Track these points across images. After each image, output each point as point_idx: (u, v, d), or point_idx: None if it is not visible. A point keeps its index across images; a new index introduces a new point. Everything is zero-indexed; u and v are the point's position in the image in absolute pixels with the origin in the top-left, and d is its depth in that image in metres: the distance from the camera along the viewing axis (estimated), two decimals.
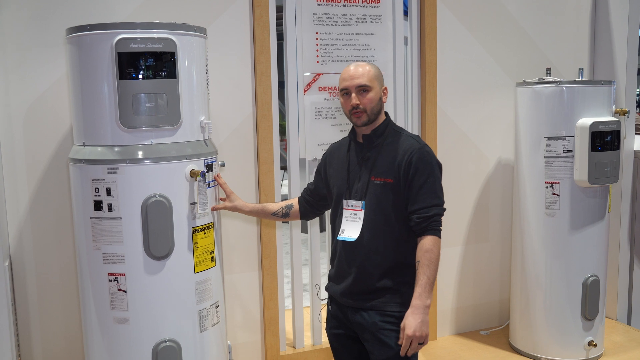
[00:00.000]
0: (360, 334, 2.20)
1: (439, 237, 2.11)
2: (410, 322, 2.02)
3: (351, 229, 2.18)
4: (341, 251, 2.22)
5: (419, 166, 2.10)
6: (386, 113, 2.25)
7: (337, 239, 2.22)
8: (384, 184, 2.13)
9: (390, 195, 2.12)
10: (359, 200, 2.17)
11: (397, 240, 2.14)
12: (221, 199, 2.43)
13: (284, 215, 2.47)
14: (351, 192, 2.20)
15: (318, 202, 2.44)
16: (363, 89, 2.14)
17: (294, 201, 2.49)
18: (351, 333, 2.26)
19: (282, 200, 3.09)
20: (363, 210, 2.16)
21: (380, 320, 2.14)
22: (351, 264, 2.18)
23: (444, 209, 2.14)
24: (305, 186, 2.50)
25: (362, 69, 2.16)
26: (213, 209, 2.34)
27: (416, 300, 2.04)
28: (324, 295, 2.44)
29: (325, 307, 2.40)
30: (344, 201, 2.22)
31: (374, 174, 2.16)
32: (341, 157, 2.29)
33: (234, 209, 2.43)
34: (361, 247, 2.16)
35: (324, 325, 3.35)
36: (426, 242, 2.08)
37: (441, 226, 2.12)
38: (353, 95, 2.15)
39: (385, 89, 2.23)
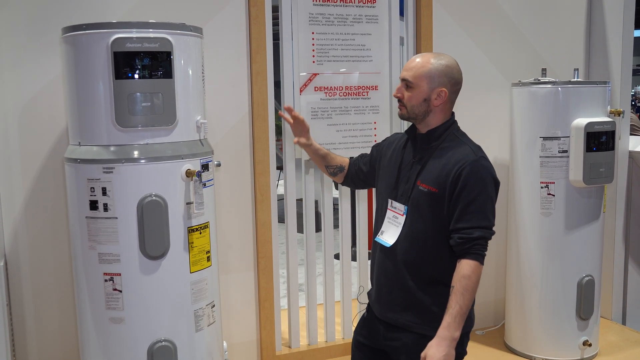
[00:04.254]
0: (395, 357, 2.07)
1: (481, 262, 1.90)
2: (434, 354, 1.83)
3: (390, 233, 2.04)
4: (379, 254, 2.09)
5: (470, 181, 1.90)
6: (453, 114, 2.08)
7: (375, 239, 2.10)
8: (428, 192, 1.96)
9: (432, 205, 1.95)
10: (403, 204, 2.02)
11: (434, 255, 1.97)
12: (295, 140, 2.38)
13: (333, 174, 2.38)
14: (397, 193, 2.05)
15: (361, 181, 2.33)
16: (406, 84, 2.01)
17: (346, 165, 2.36)
18: (376, 346, 2.12)
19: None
20: (404, 216, 2.01)
21: (415, 344, 1.98)
22: (385, 272, 2.06)
23: (492, 232, 1.94)
24: (358, 157, 2.36)
25: (417, 63, 1.99)
26: (296, 143, 2.36)
27: (443, 331, 1.86)
28: (364, 299, 2.27)
29: (356, 314, 2.27)
30: (390, 201, 2.07)
31: (420, 178, 1.99)
32: (396, 151, 2.14)
33: (306, 146, 2.37)
34: (395, 255, 2.02)
35: (320, 326, 3.36)
36: (464, 267, 1.88)
37: (486, 250, 1.92)
38: (399, 86, 2.03)
39: (442, 91, 1.99)
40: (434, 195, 1.95)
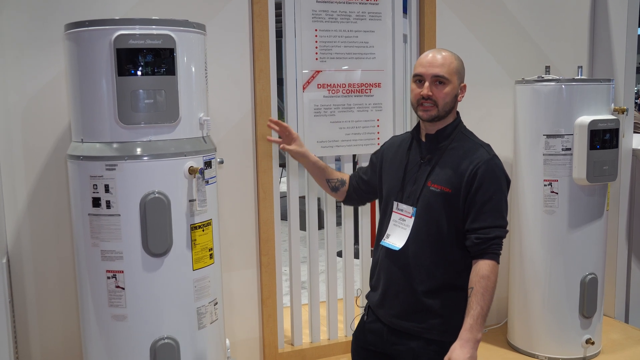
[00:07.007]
0: None
1: (498, 262, 1.89)
2: (458, 356, 1.81)
3: (397, 236, 1.98)
4: (384, 259, 2.03)
5: (485, 180, 1.89)
6: (458, 113, 2.05)
7: (381, 243, 2.03)
8: (440, 193, 1.92)
9: (445, 206, 1.92)
10: (411, 205, 1.96)
11: (446, 257, 1.94)
12: (281, 146, 2.35)
13: (334, 189, 2.30)
14: (403, 195, 2.00)
15: (365, 192, 2.25)
16: (439, 81, 1.93)
17: (347, 178, 2.30)
18: (379, 350, 2.08)
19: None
20: (413, 218, 1.95)
21: (422, 348, 1.96)
22: (392, 276, 2.00)
23: (507, 231, 1.93)
24: (356, 170, 2.31)
25: (444, 59, 1.94)
26: (282, 149, 2.31)
27: (466, 333, 1.83)
28: (363, 302, 2.24)
29: (357, 317, 2.19)
30: (395, 203, 2.01)
31: (431, 179, 1.95)
32: (400, 153, 2.08)
33: (300, 155, 2.31)
34: (405, 258, 1.96)
35: (322, 324, 3.36)
36: (483, 267, 1.86)
37: (501, 249, 1.91)
38: (426, 84, 1.93)
39: (464, 86, 2.02)
40: (447, 195, 1.92)
